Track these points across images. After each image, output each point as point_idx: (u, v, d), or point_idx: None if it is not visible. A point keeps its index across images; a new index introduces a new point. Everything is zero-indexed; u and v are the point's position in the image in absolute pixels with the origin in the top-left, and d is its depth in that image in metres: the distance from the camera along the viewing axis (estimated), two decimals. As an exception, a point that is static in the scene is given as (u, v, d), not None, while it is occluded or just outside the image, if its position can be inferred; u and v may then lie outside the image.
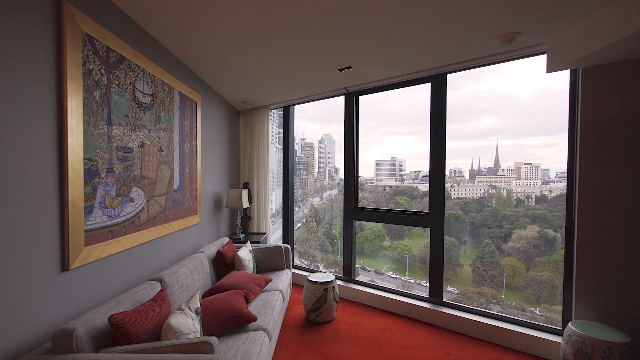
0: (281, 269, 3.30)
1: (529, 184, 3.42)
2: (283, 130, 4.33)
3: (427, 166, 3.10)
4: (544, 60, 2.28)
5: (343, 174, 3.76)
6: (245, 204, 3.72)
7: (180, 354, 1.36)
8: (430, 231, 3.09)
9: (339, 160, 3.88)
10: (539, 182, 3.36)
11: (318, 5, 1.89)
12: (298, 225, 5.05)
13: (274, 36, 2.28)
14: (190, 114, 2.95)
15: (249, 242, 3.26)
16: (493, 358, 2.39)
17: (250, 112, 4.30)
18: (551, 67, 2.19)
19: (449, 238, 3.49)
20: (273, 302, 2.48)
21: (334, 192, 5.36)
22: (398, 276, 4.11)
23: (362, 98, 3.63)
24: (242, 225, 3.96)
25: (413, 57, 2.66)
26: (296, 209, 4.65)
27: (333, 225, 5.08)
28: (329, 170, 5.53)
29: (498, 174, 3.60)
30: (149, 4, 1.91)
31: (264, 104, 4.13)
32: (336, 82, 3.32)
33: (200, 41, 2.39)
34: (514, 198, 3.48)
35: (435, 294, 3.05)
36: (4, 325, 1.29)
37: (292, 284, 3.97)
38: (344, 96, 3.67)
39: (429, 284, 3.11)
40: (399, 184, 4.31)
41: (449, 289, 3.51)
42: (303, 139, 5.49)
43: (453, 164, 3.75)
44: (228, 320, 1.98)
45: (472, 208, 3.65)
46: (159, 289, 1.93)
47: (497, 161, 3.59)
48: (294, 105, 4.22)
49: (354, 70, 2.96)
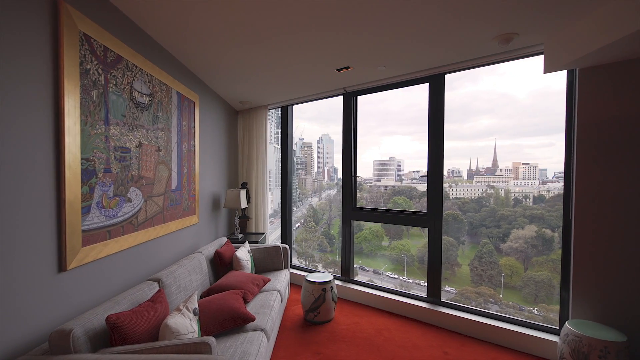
0: (279, 269, 3.30)
1: (526, 184, 3.43)
2: (281, 130, 4.33)
3: (426, 166, 3.11)
4: (541, 60, 2.29)
5: (341, 174, 3.76)
6: (244, 204, 3.71)
7: (178, 354, 1.35)
8: (428, 231, 3.09)
9: (338, 160, 3.89)
10: (537, 182, 3.37)
11: (316, 5, 1.89)
12: (296, 225, 5.05)
13: (272, 36, 2.28)
14: (188, 114, 2.95)
15: (247, 242, 3.25)
16: (491, 357, 2.40)
17: (248, 112, 4.30)
18: (548, 68, 2.20)
19: (447, 238, 3.50)
20: (271, 302, 2.47)
21: (333, 192, 5.36)
22: (396, 276, 4.12)
23: (361, 98, 3.64)
24: (241, 226, 3.95)
25: (411, 58, 2.66)
26: (295, 209, 4.65)
27: (332, 225, 5.08)
28: (328, 170, 5.54)
29: (496, 174, 3.61)
30: (147, 3, 1.90)
31: (262, 104, 4.13)
32: (334, 82, 3.32)
33: (199, 41, 2.39)
34: (512, 198, 3.50)
35: (433, 294, 3.05)
36: (0, 327, 1.28)
37: (291, 284, 3.97)
38: (342, 96, 3.67)
39: (427, 284, 3.11)
40: (398, 184, 4.32)
41: (447, 288, 3.52)
42: (302, 139, 5.50)
43: (451, 164, 3.76)
44: (226, 321, 1.97)
45: (470, 208, 3.66)
46: (157, 289, 1.93)
47: (495, 161, 3.60)
48: (292, 105, 4.22)
49: (352, 71, 2.96)
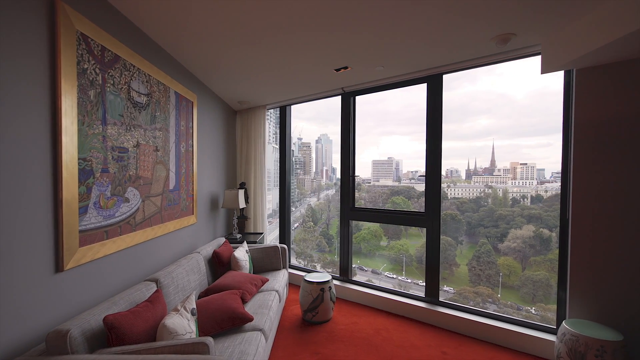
0: (278, 269, 3.30)
1: (524, 184, 3.44)
2: (280, 130, 4.33)
3: (424, 166, 3.11)
4: (538, 61, 2.30)
5: (340, 174, 3.77)
6: (242, 204, 3.71)
7: (175, 354, 1.35)
8: (426, 231, 3.10)
9: (336, 160, 3.88)
10: (535, 182, 3.38)
11: (315, 5, 1.89)
12: (295, 225, 5.05)
13: (271, 36, 2.28)
14: (187, 114, 2.94)
15: (245, 242, 3.25)
16: (489, 357, 2.40)
17: (247, 112, 4.29)
18: (545, 68, 2.21)
19: (445, 238, 3.50)
20: (269, 302, 2.47)
21: (331, 192, 5.36)
22: (395, 276, 4.13)
23: (359, 98, 3.64)
24: (239, 226, 3.95)
25: (409, 58, 2.66)
26: (293, 209, 4.65)
27: (330, 225, 5.08)
28: (326, 170, 5.54)
29: (494, 174, 3.62)
30: (145, 3, 1.90)
31: (260, 103, 4.13)
32: (333, 82, 3.32)
33: (197, 41, 2.38)
34: (510, 198, 3.51)
35: (432, 294, 3.06)
36: (-4, 327, 1.28)
37: (289, 284, 3.97)
38: (340, 96, 3.67)
39: (425, 284, 3.12)
40: (396, 183, 4.32)
41: (445, 288, 3.53)
42: (300, 139, 5.50)
43: (450, 164, 3.77)
44: (224, 321, 1.97)
45: (469, 208, 3.67)
46: (155, 289, 1.92)
47: (493, 161, 3.61)
48: (290, 105, 4.22)
49: (350, 71, 2.96)
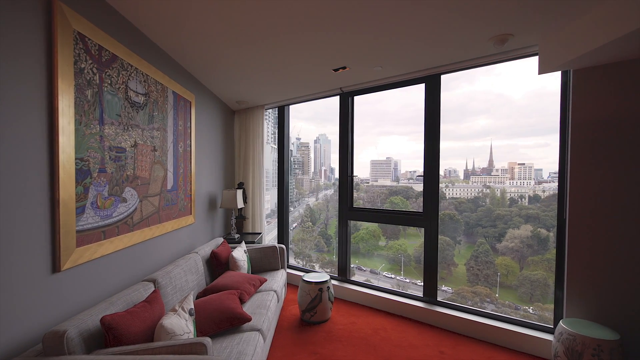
0: (276, 269, 3.30)
1: (522, 184, 3.45)
2: (278, 130, 4.32)
3: (422, 166, 3.12)
4: (536, 61, 2.31)
5: (338, 174, 3.77)
6: (240, 204, 3.70)
7: (173, 355, 1.35)
8: (424, 231, 3.10)
9: (335, 160, 3.88)
10: (532, 182, 3.39)
11: (313, 5, 1.89)
12: (294, 225, 5.05)
13: (270, 36, 2.28)
14: (184, 114, 2.94)
15: (243, 243, 3.25)
16: (486, 357, 2.41)
17: (245, 112, 4.29)
18: (543, 69, 2.22)
19: (443, 238, 3.51)
20: (268, 303, 2.47)
21: (330, 192, 5.36)
22: (393, 276, 4.13)
23: (357, 98, 3.64)
24: (237, 226, 3.95)
25: (407, 58, 2.67)
26: (292, 209, 4.65)
27: (329, 225, 5.07)
28: (325, 170, 5.54)
29: (492, 174, 3.62)
30: (143, 3, 1.89)
31: (258, 103, 4.12)
32: (331, 82, 3.33)
33: (196, 41, 2.38)
34: (508, 198, 3.51)
35: (430, 294, 3.07)
36: (-8, 328, 1.27)
37: (287, 284, 3.97)
38: (339, 96, 3.67)
39: (423, 284, 3.12)
40: (395, 183, 4.32)
41: (443, 288, 3.54)
42: (299, 139, 5.49)
43: (448, 164, 3.78)
44: (222, 321, 1.97)
45: (467, 208, 3.67)
46: (152, 289, 1.92)
47: (491, 161, 3.62)
48: (289, 105, 4.22)
49: (348, 71, 2.97)
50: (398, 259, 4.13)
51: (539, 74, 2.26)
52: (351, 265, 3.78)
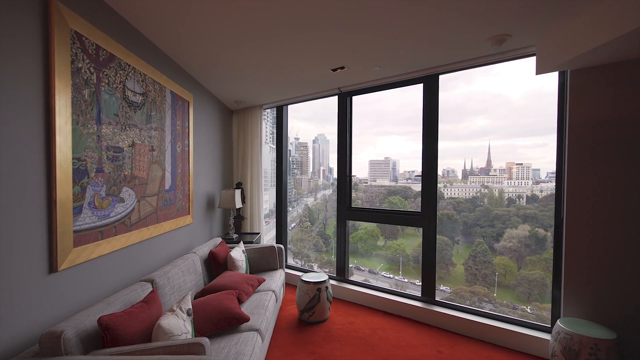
0: (274, 269, 3.30)
1: (520, 184, 3.46)
2: (276, 130, 4.32)
3: (421, 166, 3.12)
4: (534, 62, 2.32)
5: (337, 174, 3.77)
6: (238, 204, 3.70)
7: (171, 355, 1.35)
8: (422, 231, 3.11)
9: (333, 160, 3.88)
10: (530, 182, 3.40)
11: (312, 5, 1.89)
12: (292, 225, 5.04)
13: (268, 36, 2.28)
14: (182, 114, 2.93)
15: (241, 243, 3.24)
16: (484, 356, 2.42)
17: (243, 112, 4.28)
18: (540, 69, 2.22)
19: (442, 237, 3.51)
20: (266, 303, 2.47)
21: (328, 192, 5.36)
22: (392, 275, 4.13)
23: (356, 98, 3.64)
24: (235, 226, 3.94)
25: (405, 58, 2.67)
26: (290, 209, 4.64)
27: (327, 225, 5.07)
28: (323, 170, 5.53)
29: (490, 174, 3.63)
30: (142, 3, 1.88)
31: (257, 103, 4.12)
32: (329, 82, 3.33)
33: (194, 41, 2.37)
34: (506, 198, 3.52)
35: (428, 293, 3.07)
36: (-11, 328, 1.27)
37: (286, 284, 3.96)
38: (337, 96, 3.67)
39: (421, 283, 3.13)
40: (393, 183, 4.32)
41: (442, 288, 3.54)
42: (297, 139, 5.48)
43: (446, 164, 3.78)
44: (220, 321, 1.97)
45: (465, 208, 3.68)
46: (150, 290, 1.91)
47: (489, 161, 3.63)
48: (287, 105, 4.21)
49: (347, 71, 2.97)
50: (396, 258, 4.13)
51: (537, 74, 2.27)
52: (349, 265, 3.78)
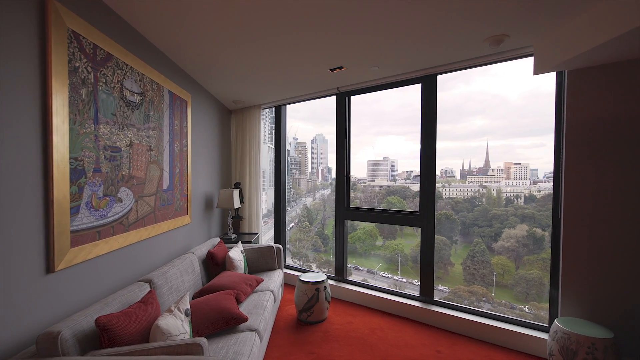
0: (273, 269, 3.29)
1: (518, 184, 3.47)
2: (275, 130, 4.32)
3: (419, 166, 3.12)
4: (531, 62, 2.33)
5: (335, 174, 3.77)
6: (237, 204, 3.69)
7: (169, 355, 1.34)
8: (421, 231, 3.11)
9: (332, 160, 3.88)
10: (528, 182, 3.41)
11: (311, 5, 1.89)
12: (291, 225, 5.04)
13: (267, 36, 2.28)
14: (180, 113, 2.92)
15: (240, 243, 3.24)
16: (483, 355, 2.42)
17: (241, 112, 4.28)
18: (538, 69, 2.23)
19: (440, 237, 3.52)
20: (264, 303, 2.47)
21: (327, 192, 5.36)
22: (390, 275, 4.14)
23: (354, 98, 3.64)
24: (234, 226, 3.93)
25: (403, 58, 2.67)
26: (289, 209, 4.64)
27: (326, 225, 5.08)
28: (322, 170, 5.53)
29: (488, 174, 3.64)
30: (140, 2, 1.88)
31: (255, 103, 4.11)
32: (328, 82, 3.32)
33: (193, 40, 2.36)
34: (504, 198, 3.54)
35: (426, 293, 3.07)
36: (-15, 329, 1.26)
37: (284, 284, 3.96)
38: (335, 96, 3.67)
39: (419, 283, 3.13)
40: (391, 183, 4.33)
41: (440, 287, 3.55)
42: (296, 139, 5.48)
43: (444, 164, 3.80)
44: (218, 321, 1.96)
45: (463, 207, 3.69)
46: (148, 290, 1.91)
47: (488, 161, 3.64)
48: (286, 105, 4.21)
49: (345, 71, 2.97)
50: (395, 258, 4.14)
51: (534, 74, 2.28)
52: (348, 265, 3.78)
